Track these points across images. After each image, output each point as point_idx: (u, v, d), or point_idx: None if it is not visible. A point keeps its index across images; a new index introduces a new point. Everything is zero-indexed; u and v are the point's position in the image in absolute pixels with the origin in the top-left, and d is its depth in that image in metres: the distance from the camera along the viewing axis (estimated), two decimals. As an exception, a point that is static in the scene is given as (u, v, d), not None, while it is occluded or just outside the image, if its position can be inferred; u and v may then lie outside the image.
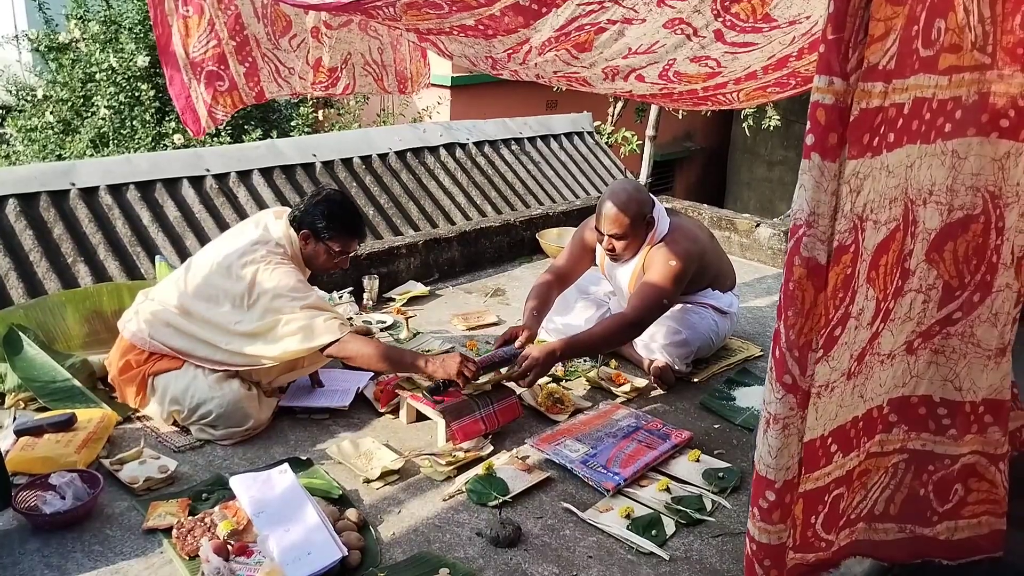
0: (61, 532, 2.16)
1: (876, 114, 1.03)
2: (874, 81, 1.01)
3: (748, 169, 12.07)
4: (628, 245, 3.08)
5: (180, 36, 3.30)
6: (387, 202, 4.98)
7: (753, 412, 2.96)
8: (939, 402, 1.37)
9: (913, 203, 1.15)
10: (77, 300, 3.08)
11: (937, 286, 1.27)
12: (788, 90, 2.93)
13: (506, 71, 2.94)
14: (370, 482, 2.45)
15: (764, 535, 1.22)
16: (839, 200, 1.05)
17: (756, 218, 4.85)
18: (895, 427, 1.35)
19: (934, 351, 1.33)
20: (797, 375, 1.12)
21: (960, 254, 1.25)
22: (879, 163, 1.07)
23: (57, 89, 6.79)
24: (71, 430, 2.47)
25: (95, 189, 4.07)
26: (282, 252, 2.74)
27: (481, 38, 2.51)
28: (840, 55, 0.97)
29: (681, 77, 2.70)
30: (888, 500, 1.41)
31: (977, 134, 1.20)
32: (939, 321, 1.30)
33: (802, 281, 1.08)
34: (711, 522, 2.34)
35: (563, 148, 6.31)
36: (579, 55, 2.51)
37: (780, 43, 2.40)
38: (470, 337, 3.52)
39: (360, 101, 7.93)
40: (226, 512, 2.18)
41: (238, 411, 2.63)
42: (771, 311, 3.98)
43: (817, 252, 1.06)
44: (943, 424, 1.37)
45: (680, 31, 2.31)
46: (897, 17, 0.98)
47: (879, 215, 1.11)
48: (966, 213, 1.23)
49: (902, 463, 1.40)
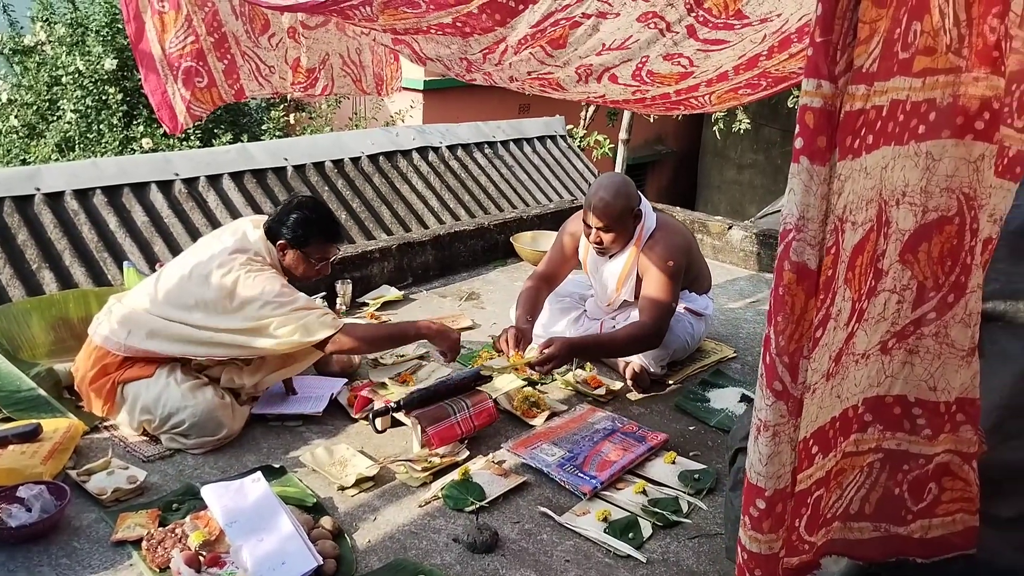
0: (27, 545, 2.11)
1: (858, 116, 1.03)
2: (857, 84, 1.01)
3: (718, 172, 12.18)
4: (615, 238, 3.09)
5: (156, 32, 3.26)
6: (360, 206, 4.95)
7: (727, 413, 2.98)
8: (914, 402, 1.37)
9: (887, 204, 1.16)
10: (43, 307, 3.01)
11: (912, 287, 1.28)
12: (759, 91, 2.95)
13: (480, 75, 2.93)
14: (345, 489, 2.43)
15: (755, 544, 1.21)
16: (828, 203, 1.04)
17: (728, 220, 4.88)
18: (870, 427, 1.36)
19: (909, 351, 1.34)
20: (788, 382, 1.11)
21: (935, 255, 1.26)
22: (859, 165, 1.07)
23: (22, 93, 6.68)
24: (36, 440, 2.41)
25: (61, 194, 4.00)
26: (261, 261, 2.71)
27: (458, 36, 2.50)
28: (828, 58, 0.97)
29: (654, 77, 2.70)
30: (863, 499, 1.41)
31: (952, 136, 1.21)
32: (913, 321, 1.31)
33: (791, 286, 1.08)
34: (687, 524, 2.35)
35: (536, 152, 6.31)
36: (553, 52, 2.51)
37: (751, 41, 2.42)
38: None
39: (332, 104, 7.89)
40: (197, 522, 2.14)
41: (212, 420, 2.58)
42: (744, 313, 4.00)
43: (807, 257, 1.06)
44: (918, 424, 1.38)
45: (654, 25, 2.32)
46: (881, 19, 0.98)
47: (856, 216, 1.11)
48: (940, 214, 1.24)
49: (877, 462, 1.40)
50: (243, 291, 2.60)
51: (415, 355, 3.31)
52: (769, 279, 4.51)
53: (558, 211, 5.04)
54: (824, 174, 1.03)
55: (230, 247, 2.70)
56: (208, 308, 2.61)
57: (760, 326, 3.84)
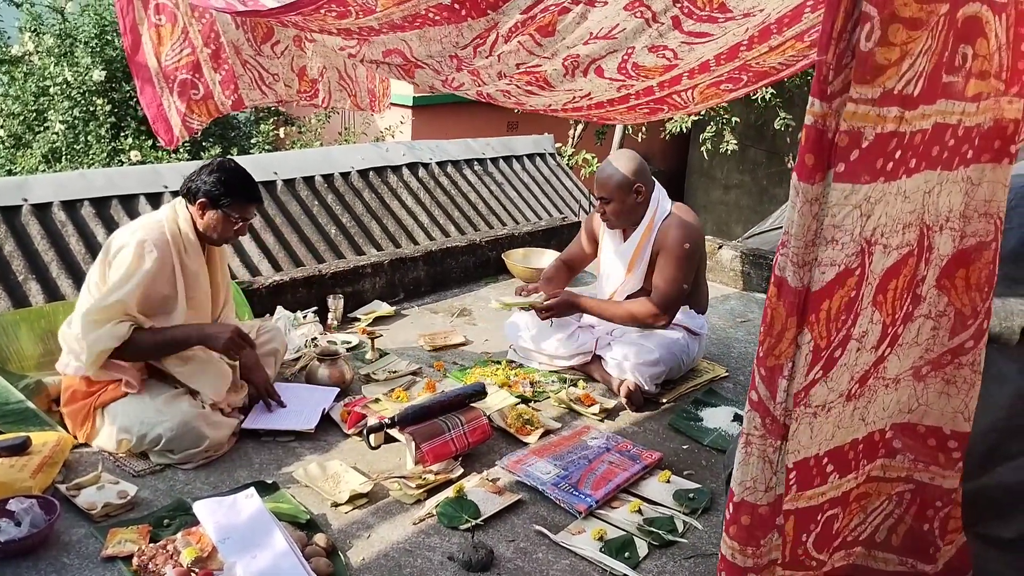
0: (15, 561, 2.07)
1: (890, 139, 1.03)
2: (889, 106, 1.01)
3: (705, 192, 12.26)
4: (616, 211, 3.20)
5: (152, 45, 3.25)
6: (349, 221, 4.94)
7: (721, 433, 2.98)
8: (949, 434, 1.35)
9: (930, 229, 1.15)
10: (32, 319, 2.98)
11: (948, 313, 1.27)
12: (740, 87, 2.99)
13: (468, 78, 2.93)
14: (338, 506, 2.40)
15: (723, 546, 1.23)
16: (819, 223, 1.04)
17: (718, 240, 4.91)
18: (899, 454, 1.35)
19: (946, 381, 1.32)
20: (763, 394, 1.12)
21: (972, 282, 1.25)
22: (895, 188, 1.07)
23: (9, 103, 6.63)
24: (25, 454, 2.37)
25: (48, 205, 3.97)
26: (156, 226, 2.67)
27: (453, 23, 2.51)
28: (822, 77, 0.98)
29: (639, 70, 2.73)
30: (890, 529, 1.40)
31: (991, 160, 1.20)
32: (951, 351, 1.30)
33: (772, 299, 1.08)
34: (683, 543, 2.34)
35: (525, 169, 6.33)
36: (543, 41, 2.54)
37: (734, 34, 2.46)
38: (437, 357, 3.49)
39: (322, 119, 7.89)
40: (190, 538, 2.11)
41: (190, 432, 2.55)
42: (735, 332, 4.02)
43: (788, 273, 1.06)
44: (953, 457, 1.36)
45: (640, 14, 2.35)
46: (914, 42, 0.98)
47: (890, 239, 1.10)
48: (979, 240, 1.23)
49: (907, 493, 1.38)
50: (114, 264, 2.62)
51: (408, 371, 3.29)
52: (760, 299, 4.53)
53: (549, 228, 5.05)
54: (810, 193, 1.02)
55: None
56: (90, 289, 2.64)
57: (751, 346, 3.85)
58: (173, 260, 2.67)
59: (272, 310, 3.66)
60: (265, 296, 3.67)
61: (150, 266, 2.59)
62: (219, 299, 2.94)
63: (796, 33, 2.51)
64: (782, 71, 2.85)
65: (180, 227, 2.72)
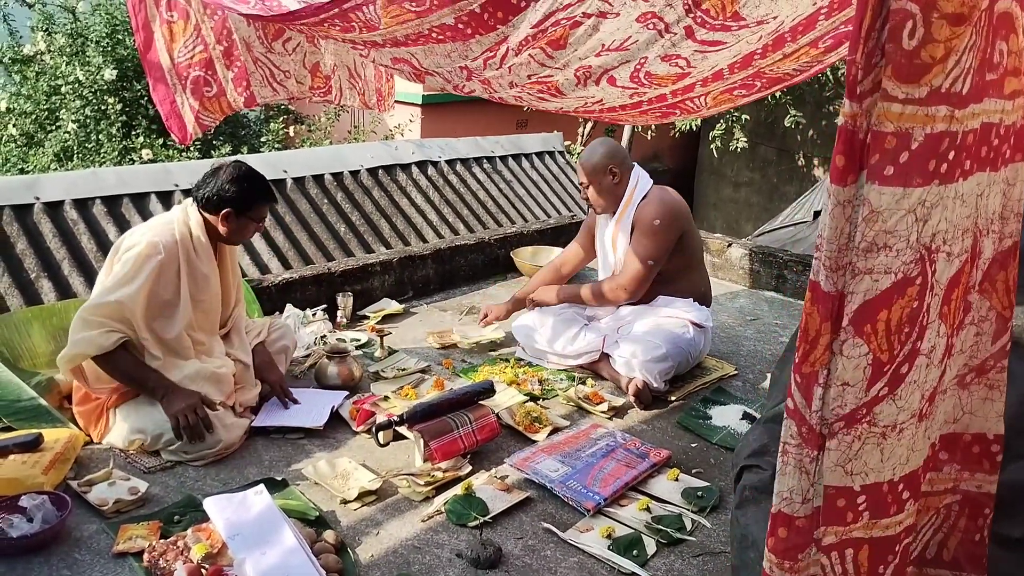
0: (27, 556, 2.09)
1: (941, 139, 1.00)
2: (937, 105, 0.98)
3: (715, 190, 12.22)
4: (599, 194, 3.35)
5: (164, 42, 3.26)
6: (359, 219, 4.95)
7: (729, 431, 2.97)
8: (992, 439, 1.32)
9: (981, 233, 1.12)
10: (44, 317, 3.00)
11: (990, 318, 1.23)
12: (754, 92, 2.97)
13: (479, 83, 2.93)
14: (347, 503, 2.41)
15: (766, 562, 1.19)
16: (853, 226, 1.01)
17: (728, 238, 4.90)
18: (946, 465, 1.30)
19: (989, 387, 1.29)
20: (800, 403, 1.09)
21: (1011, 283, 1.21)
22: (952, 192, 1.03)
23: (21, 102, 6.67)
24: (37, 450, 2.39)
25: (60, 203, 3.99)
26: (166, 229, 2.69)
27: (459, 40, 2.50)
28: (852, 77, 0.96)
29: (652, 79, 2.72)
30: (941, 544, 1.35)
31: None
32: (994, 355, 1.26)
33: (808, 305, 1.06)
34: (692, 541, 2.34)
35: (534, 167, 6.33)
36: (554, 53, 2.53)
37: (747, 42, 2.45)
38: (445, 355, 3.50)
39: (331, 117, 7.90)
40: (200, 535, 2.12)
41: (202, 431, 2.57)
42: (744, 330, 4.01)
43: (821, 278, 1.03)
44: (997, 461, 1.33)
45: (652, 25, 2.35)
46: (958, 38, 0.96)
47: (952, 247, 1.06)
48: (1014, 240, 1.20)
49: (955, 505, 1.34)
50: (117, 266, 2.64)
51: (417, 369, 3.30)
52: (768, 297, 4.52)
53: (558, 226, 5.05)
54: (842, 195, 1.00)
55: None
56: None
57: (760, 344, 3.84)
58: (180, 264, 2.68)
59: (282, 308, 3.68)
60: (275, 294, 3.69)
61: (155, 268, 2.60)
62: (230, 300, 2.96)
63: (810, 40, 2.50)
64: (796, 76, 2.84)
65: (191, 230, 2.73)
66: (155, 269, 2.60)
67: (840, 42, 2.52)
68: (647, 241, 3.25)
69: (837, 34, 2.47)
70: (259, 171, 2.83)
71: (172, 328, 2.68)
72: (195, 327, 2.76)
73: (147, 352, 2.63)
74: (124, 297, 2.53)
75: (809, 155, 10.91)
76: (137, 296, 2.56)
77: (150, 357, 2.64)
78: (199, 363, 2.72)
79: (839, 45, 2.55)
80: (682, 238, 3.33)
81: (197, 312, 2.75)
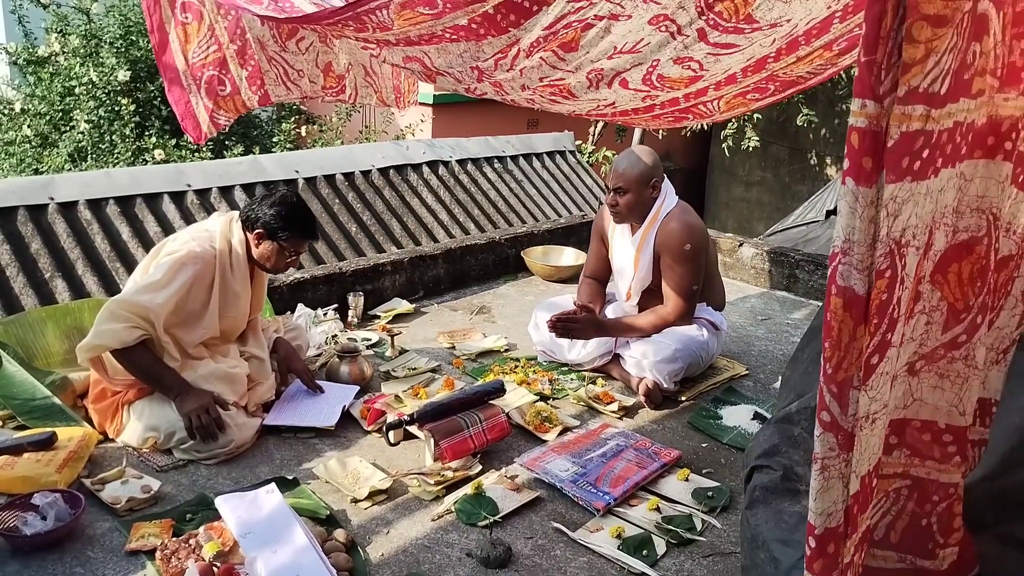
0: (41, 554, 2.11)
1: (917, 137, 1.01)
2: (914, 104, 0.99)
3: (726, 189, 12.18)
4: (630, 203, 3.20)
5: (179, 43, 3.28)
6: (370, 219, 4.97)
7: (740, 431, 2.97)
8: (944, 428, 1.34)
9: (935, 226, 1.15)
10: (58, 316, 3.02)
11: (941, 308, 1.26)
12: (767, 96, 2.96)
13: (490, 85, 2.94)
14: (358, 502, 2.42)
15: None
16: (876, 226, 1.02)
17: (739, 237, 4.89)
18: (895, 449, 1.33)
19: (940, 375, 1.31)
20: (836, 413, 1.08)
21: (965, 276, 1.24)
22: (924, 188, 1.04)
23: (35, 103, 6.72)
24: (51, 449, 2.41)
25: (74, 204, 4.02)
26: (208, 238, 2.73)
27: (472, 40, 2.51)
28: (873, 77, 0.96)
29: (664, 82, 2.72)
30: (888, 527, 1.38)
31: (983, 156, 1.19)
32: (944, 345, 1.29)
33: (838, 312, 1.05)
34: (702, 542, 2.33)
35: (545, 167, 6.33)
36: (565, 56, 2.53)
37: (760, 45, 2.44)
38: (456, 355, 3.50)
39: (343, 117, 7.92)
40: (212, 533, 2.14)
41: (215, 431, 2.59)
42: (755, 330, 4.00)
43: (854, 281, 1.03)
44: (948, 451, 1.35)
45: (664, 28, 2.34)
46: (938, 39, 0.97)
47: (920, 240, 1.08)
48: (971, 235, 1.23)
49: (904, 489, 1.37)
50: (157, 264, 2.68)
51: (427, 368, 3.31)
52: (780, 296, 4.51)
53: (569, 226, 5.05)
54: (871, 196, 1.00)
55: (184, 235, 2.78)
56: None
57: (771, 344, 3.83)
58: (214, 277, 2.72)
59: (293, 307, 3.69)
60: (286, 293, 3.71)
61: (188, 280, 2.64)
62: (254, 313, 3.01)
63: (824, 43, 2.48)
64: (809, 80, 2.83)
65: (232, 245, 2.78)
66: (188, 281, 2.64)
67: (854, 45, 2.51)
68: (682, 269, 3.16)
69: (851, 37, 2.46)
70: (307, 207, 2.86)
71: (193, 336, 2.72)
72: (215, 334, 2.80)
73: (166, 353, 2.66)
74: (152, 303, 2.56)
75: (821, 154, 10.85)
76: (165, 304, 2.59)
77: (168, 358, 2.66)
78: (213, 363, 2.74)
79: (853, 48, 2.53)
80: (708, 265, 3.31)
81: (222, 321, 2.79)
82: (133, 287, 2.65)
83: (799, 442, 1.89)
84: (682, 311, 3.20)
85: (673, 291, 3.20)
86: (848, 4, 2.24)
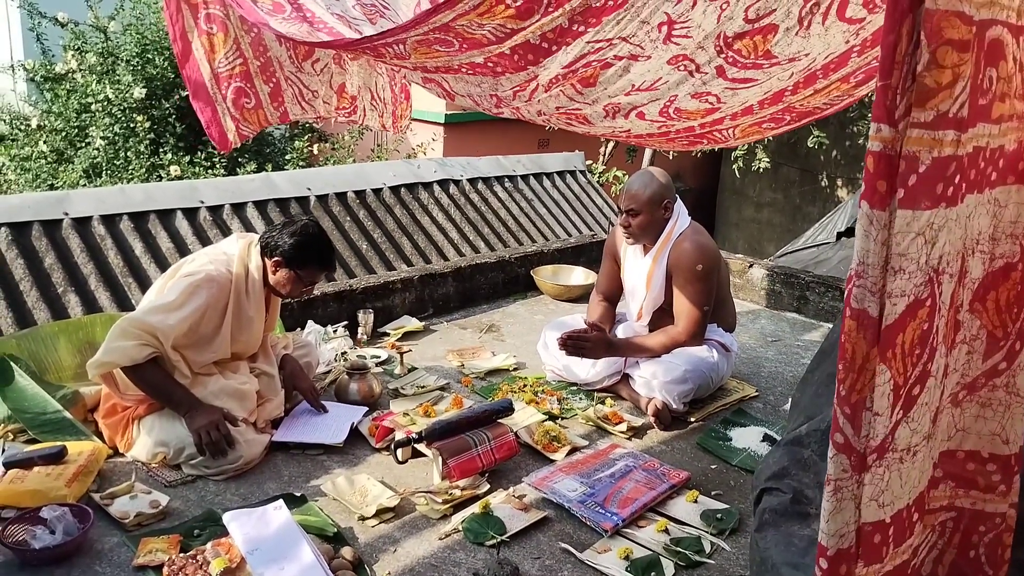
0: (50, 568, 2.11)
1: (949, 163, 1.01)
2: (945, 129, 0.99)
3: (736, 210, 12.18)
4: (642, 224, 3.20)
5: (204, 51, 3.32)
6: (380, 236, 4.99)
7: (749, 453, 2.95)
8: (988, 457, 1.32)
9: (968, 253, 1.14)
10: (70, 331, 3.04)
11: (981, 336, 1.25)
12: (783, 125, 2.97)
13: (508, 109, 2.96)
14: (365, 519, 2.42)
15: None
16: (889, 249, 1.02)
17: (749, 259, 4.88)
18: (941, 483, 1.31)
19: (981, 404, 1.29)
20: (849, 434, 1.08)
21: (1002, 303, 1.23)
22: (954, 215, 1.05)
23: (51, 119, 6.78)
24: (61, 463, 2.42)
25: (88, 219, 4.06)
26: (225, 262, 2.75)
27: (489, 76, 2.53)
28: (888, 101, 0.96)
29: (681, 114, 2.73)
30: (936, 561, 1.35)
31: (1016, 181, 1.19)
32: (984, 373, 1.27)
33: (852, 334, 1.05)
34: (711, 564, 2.32)
35: (555, 186, 6.35)
36: (583, 90, 2.54)
37: (779, 79, 2.44)
38: (465, 373, 3.50)
39: (355, 136, 7.98)
40: (219, 549, 2.14)
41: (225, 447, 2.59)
42: (765, 351, 3.98)
43: (868, 304, 1.03)
44: (993, 480, 1.33)
45: (683, 67, 2.35)
46: (964, 64, 0.97)
47: (953, 268, 1.08)
48: (1006, 261, 1.22)
49: (950, 522, 1.35)
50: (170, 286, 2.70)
51: (436, 386, 3.31)
52: (790, 318, 4.49)
53: (579, 245, 5.06)
54: (884, 219, 1.01)
55: (202, 257, 2.79)
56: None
57: (781, 365, 3.82)
58: (229, 302, 2.74)
59: (303, 324, 3.71)
60: (296, 310, 3.72)
61: (203, 304, 2.66)
62: (266, 334, 3.02)
63: (842, 76, 2.49)
64: (826, 110, 2.84)
65: (250, 270, 2.80)
66: (203, 305, 2.66)
67: (871, 76, 2.52)
68: (694, 289, 3.16)
69: (868, 69, 2.47)
70: (327, 238, 2.89)
71: (203, 358, 2.74)
72: (225, 356, 2.83)
73: (176, 370, 2.67)
74: (163, 324, 2.58)
75: (832, 175, 10.85)
76: (177, 326, 2.60)
77: (179, 375, 2.67)
78: (223, 379, 2.75)
79: (870, 79, 2.54)
80: (720, 286, 3.31)
81: (233, 348, 2.81)
82: (147, 306, 2.67)
83: (809, 464, 1.88)
84: (693, 332, 3.19)
85: (684, 311, 3.19)
86: (867, 39, 2.25)
